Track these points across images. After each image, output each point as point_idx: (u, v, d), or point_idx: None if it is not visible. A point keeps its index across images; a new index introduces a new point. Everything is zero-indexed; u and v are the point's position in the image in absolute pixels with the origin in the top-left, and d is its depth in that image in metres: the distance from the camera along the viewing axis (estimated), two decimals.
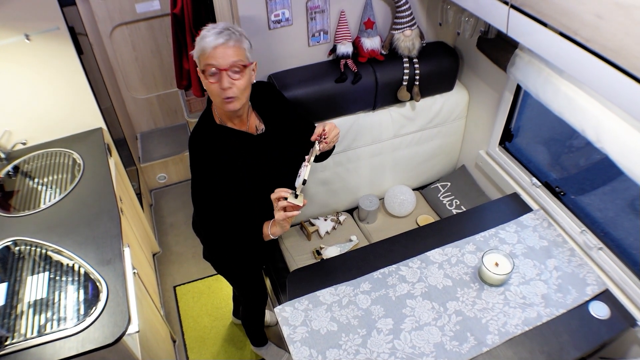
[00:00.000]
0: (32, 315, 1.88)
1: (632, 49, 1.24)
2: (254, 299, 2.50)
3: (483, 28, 2.31)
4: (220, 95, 1.65)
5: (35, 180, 2.50)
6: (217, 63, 1.60)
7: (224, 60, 1.60)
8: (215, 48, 1.59)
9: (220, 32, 1.61)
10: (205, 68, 1.63)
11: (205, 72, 1.63)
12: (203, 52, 1.61)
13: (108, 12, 3.42)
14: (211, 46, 1.59)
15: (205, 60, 1.62)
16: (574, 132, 2.09)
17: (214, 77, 1.63)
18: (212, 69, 1.61)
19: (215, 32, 1.61)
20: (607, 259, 2.12)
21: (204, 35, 1.62)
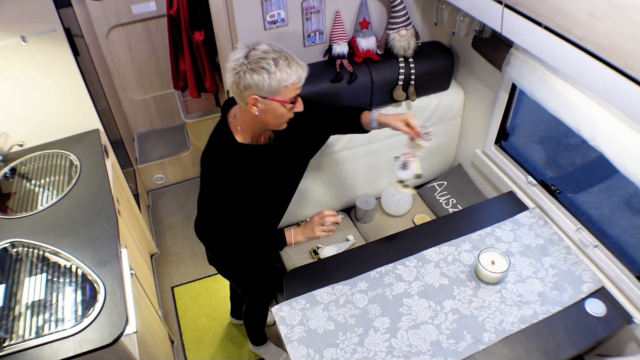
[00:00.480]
0: (30, 317, 1.88)
1: (626, 48, 1.25)
2: (260, 301, 2.50)
3: (478, 27, 2.32)
4: (288, 117, 1.72)
5: (33, 182, 2.50)
6: (299, 87, 1.68)
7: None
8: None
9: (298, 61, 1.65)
10: (294, 97, 1.67)
11: (291, 100, 1.67)
12: (298, 81, 1.65)
13: (104, 13, 3.42)
14: (304, 75, 1.66)
15: (296, 91, 1.67)
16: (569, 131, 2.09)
17: (299, 104, 1.70)
18: (297, 95, 1.68)
19: (295, 60, 1.64)
20: (602, 257, 2.13)
21: (281, 66, 1.60)
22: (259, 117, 1.69)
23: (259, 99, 1.63)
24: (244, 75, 1.59)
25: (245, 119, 1.75)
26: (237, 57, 1.62)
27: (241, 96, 1.66)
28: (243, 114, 1.75)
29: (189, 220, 3.85)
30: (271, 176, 1.89)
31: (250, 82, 1.59)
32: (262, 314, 2.63)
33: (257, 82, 1.59)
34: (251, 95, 1.62)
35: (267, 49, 1.61)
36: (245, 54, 1.61)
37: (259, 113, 1.67)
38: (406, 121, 1.92)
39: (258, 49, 1.61)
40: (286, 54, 1.63)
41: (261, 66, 1.58)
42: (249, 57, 1.60)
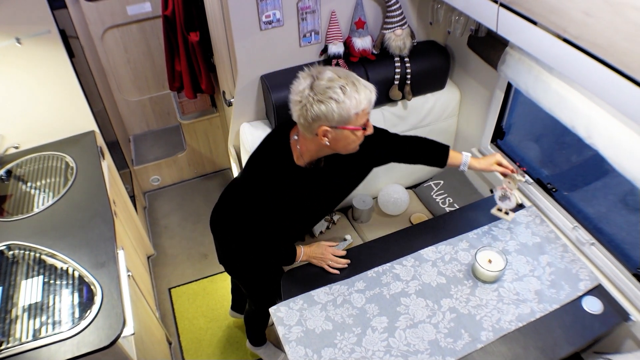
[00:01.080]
0: (27, 320, 1.87)
1: (621, 46, 1.26)
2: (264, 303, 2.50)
3: (473, 26, 2.32)
4: (359, 142, 1.71)
5: (28, 184, 2.50)
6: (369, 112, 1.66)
7: None
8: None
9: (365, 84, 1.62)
10: (365, 121, 1.65)
11: (363, 126, 1.65)
12: (365, 107, 1.62)
13: (99, 14, 3.41)
14: (374, 98, 1.63)
15: (367, 116, 1.65)
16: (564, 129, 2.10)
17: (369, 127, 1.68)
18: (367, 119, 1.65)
19: (362, 83, 1.61)
20: (599, 254, 2.14)
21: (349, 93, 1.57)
22: (329, 147, 1.68)
23: (329, 130, 1.60)
24: (311, 108, 1.57)
25: (311, 146, 1.73)
26: (302, 89, 1.59)
27: (309, 128, 1.63)
28: (308, 141, 1.72)
29: (185, 221, 3.85)
30: (316, 195, 1.92)
31: (318, 113, 1.57)
32: (264, 315, 2.63)
33: (326, 113, 1.56)
34: (321, 126, 1.60)
35: (332, 77, 1.57)
36: (310, 85, 1.57)
37: (330, 142, 1.65)
38: (498, 162, 2.08)
39: (322, 77, 1.57)
40: (352, 79, 1.59)
41: (329, 96, 1.55)
42: (315, 88, 1.56)
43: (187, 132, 3.89)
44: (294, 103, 1.61)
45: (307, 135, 1.68)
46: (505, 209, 2.21)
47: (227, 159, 3.69)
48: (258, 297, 2.45)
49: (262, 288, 2.37)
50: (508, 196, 2.17)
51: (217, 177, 4.26)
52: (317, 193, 1.94)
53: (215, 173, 4.29)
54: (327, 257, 2.15)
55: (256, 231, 1.92)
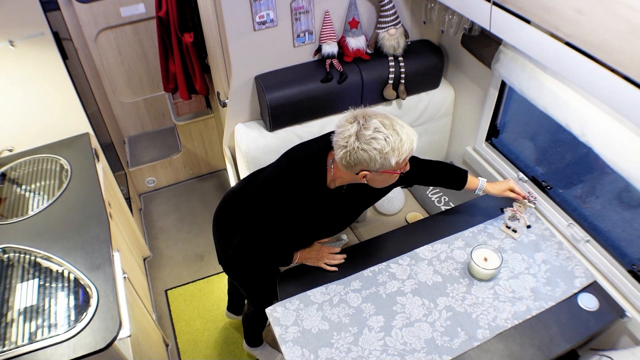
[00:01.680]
0: (23, 323, 1.87)
1: (613, 44, 1.26)
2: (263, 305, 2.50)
3: (467, 25, 2.32)
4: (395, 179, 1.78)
5: (23, 187, 2.49)
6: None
7: None
8: None
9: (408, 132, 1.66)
10: (404, 166, 1.72)
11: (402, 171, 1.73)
12: (408, 155, 1.67)
13: (92, 16, 3.40)
14: (415, 145, 1.67)
15: (406, 161, 1.71)
16: (559, 127, 2.11)
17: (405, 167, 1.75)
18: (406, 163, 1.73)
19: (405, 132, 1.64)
20: (594, 251, 2.15)
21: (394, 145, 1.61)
22: (368, 180, 1.73)
23: (368, 173, 1.67)
24: (355, 154, 1.61)
25: (346, 177, 1.77)
26: (348, 135, 1.62)
27: (351, 169, 1.68)
28: (343, 173, 1.75)
29: (181, 222, 3.84)
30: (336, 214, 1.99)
31: (361, 160, 1.62)
32: (263, 316, 2.63)
33: (369, 161, 1.62)
34: (362, 170, 1.66)
35: (378, 126, 1.60)
36: (356, 133, 1.60)
37: (368, 181, 1.73)
38: (511, 188, 2.24)
39: (369, 127, 1.60)
40: (396, 128, 1.63)
41: (373, 147, 1.59)
42: (360, 137, 1.60)
43: (182, 133, 3.89)
44: (339, 146, 1.64)
45: (344, 169, 1.72)
46: (513, 227, 2.30)
47: (223, 159, 3.69)
48: (257, 298, 2.45)
49: (262, 289, 2.37)
50: (517, 218, 2.28)
51: (212, 178, 4.26)
52: (338, 212, 1.99)
53: (211, 174, 4.29)
54: (322, 255, 2.17)
55: (268, 242, 1.95)
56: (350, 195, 1.93)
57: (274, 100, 2.34)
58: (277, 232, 1.91)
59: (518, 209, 2.28)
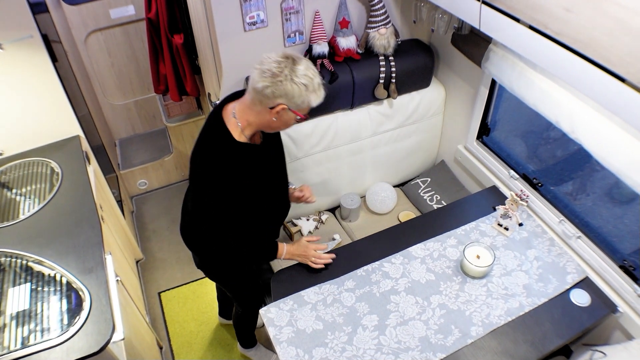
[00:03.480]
0: (15, 327, 1.86)
1: (601, 41, 1.27)
2: (249, 304, 2.50)
3: (457, 24, 2.33)
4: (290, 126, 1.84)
5: (14, 191, 2.47)
6: None
7: None
8: None
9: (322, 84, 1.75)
10: (307, 113, 1.78)
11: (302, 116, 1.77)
12: (318, 104, 1.76)
13: (82, 18, 3.38)
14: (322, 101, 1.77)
15: (310, 109, 1.78)
16: (549, 124, 2.12)
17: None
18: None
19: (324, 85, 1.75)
20: (586, 247, 2.16)
21: (316, 87, 1.71)
22: (271, 122, 1.76)
23: (284, 109, 1.70)
24: (284, 84, 1.65)
25: (253, 119, 1.79)
26: (282, 66, 1.65)
27: (269, 101, 1.69)
28: (253, 114, 1.77)
29: (174, 224, 3.83)
30: (264, 174, 1.95)
31: (288, 91, 1.66)
32: (252, 316, 2.63)
33: (294, 95, 1.67)
34: (281, 104, 1.68)
35: (309, 65, 1.70)
36: (290, 66, 1.65)
37: (277, 120, 1.74)
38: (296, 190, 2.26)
39: (301, 63, 1.68)
40: (319, 77, 1.73)
41: (302, 82, 1.66)
42: (294, 71, 1.65)
43: (173, 134, 3.87)
44: (266, 76, 1.66)
45: (257, 106, 1.73)
46: (505, 225, 2.31)
47: None
48: (243, 299, 2.45)
49: (246, 289, 2.38)
50: (509, 215, 2.31)
51: None
52: (262, 168, 1.95)
53: None
54: (309, 253, 2.16)
55: (227, 221, 1.91)
56: (265, 146, 1.96)
57: None
58: (226, 210, 1.88)
59: (510, 206, 2.30)
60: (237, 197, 1.86)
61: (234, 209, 1.88)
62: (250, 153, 1.85)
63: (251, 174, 1.87)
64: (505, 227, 2.31)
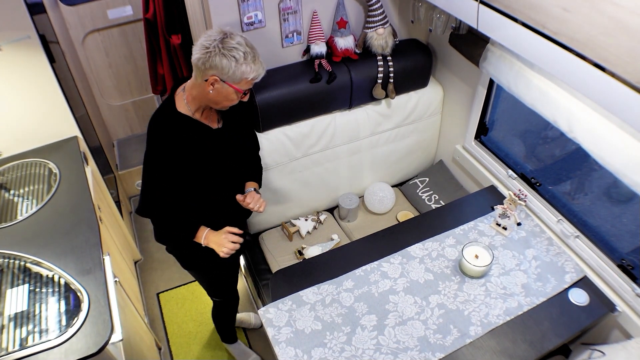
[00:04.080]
0: (14, 329, 1.85)
1: (599, 40, 1.27)
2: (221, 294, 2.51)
3: (454, 24, 2.34)
4: (234, 102, 1.85)
5: (11, 192, 2.46)
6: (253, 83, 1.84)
7: None
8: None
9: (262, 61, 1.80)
10: (246, 89, 1.82)
11: (244, 91, 1.82)
12: (255, 78, 1.80)
13: (79, 18, 3.38)
14: (262, 75, 1.81)
15: (250, 84, 1.81)
16: (547, 124, 2.12)
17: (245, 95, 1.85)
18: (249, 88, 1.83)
19: (260, 60, 1.79)
20: (584, 247, 2.17)
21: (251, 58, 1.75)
22: (209, 95, 1.80)
23: (218, 81, 1.75)
24: (214, 57, 1.70)
25: (195, 93, 1.85)
26: (213, 38, 1.71)
27: (203, 73, 1.76)
28: (195, 87, 1.84)
29: None
30: (206, 153, 1.95)
31: (217, 64, 1.71)
32: (225, 310, 2.65)
33: (224, 67, 1.71)
34: (213, 75, 1.74)
35: (241, 41, 1.74)
36: (221, 39, 1.71)
37: (213, 92, 1.79)
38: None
39: (234, 38, 1.73)
40: (254, 52, 1.77)
41: (232, 55, 1.70)
42: (224, 43, 1.71)
43: None
44: (200, 47, 1.73)
45: (197, 79, 1.81)
46: (504, 224, 2.32)
47: None
48: (213, 290, 2.46)
49: (215, 280, 2.39)
50: (508, 215, 2.30)
51: None
52: (207, 149, 1.96)
53: None
54: (222, 242, 2.02)
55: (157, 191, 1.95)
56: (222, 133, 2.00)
57: (263, 101, 2.34)
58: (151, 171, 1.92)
59: (508, 206, 2.30)
60: (172, 168, 1.89)
61: (167, 179, 1.91)
62: (190, 127, 1.90)
63: (189, 148, 1.90)
64: (503, 226, 2.32)
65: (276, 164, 2.57)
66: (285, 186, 2.69)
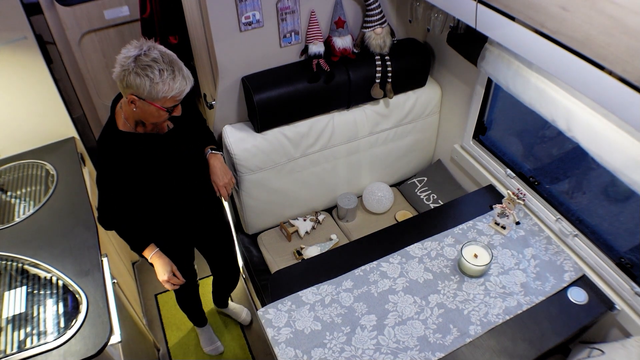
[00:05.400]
0: (12, 331, 1.85)
1: (597, 39, 1.27)
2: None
3: (452, 23, 2.34)
4: (164, 120, 1.82)
5: (8, 194, 2.46)
6: (180, 100, 1.76)
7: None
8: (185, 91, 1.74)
9: (185, 75, 1.73)
10: (171, 105, 1.75)
11: (168, 109, 1.75)
12: (179, 94, 1.73)
13: (76, 19, 3.37)
14: (187, 90, 1.74)
15: (175, 102, 1.75)
16: (545, 123, 2.12)
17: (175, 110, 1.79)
18: (176, 104, 1.77)
19: (183, 74, 1.72)
20: (582, 245, 2.17)
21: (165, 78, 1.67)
22: (134, 113, 1.78)
23: (136, 100, 1.71)
24: (129, 76, 1.66)
25: (127, 110, 1.82)
26: (128, 56, 1.67)
27: (123, 91, 1.75)
28: (125, 105, 1.82)
29: None
30: (155, 160, 1.94)
31: (132, 83, 1.67)
32: (182, 294, 2.67)
33: (139, 86, 1.67)
34: (131, 94, 1.70)
35: (157, 58, 1.67)
36: (135, 56, 1.66)
37: (137, 110, 1.75)
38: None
39: (149, 55, 1.67)
40: (174, 67, 1.70)
41: (146, 73, 1.65)
42: (137, 61, 1.65)
43: None
44: (118, 64, 1.70)
45: (124, 99, 1.79)
46: (502, 224, 2.32)
47: None
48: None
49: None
50: (507, 214, 2.31)
51: None
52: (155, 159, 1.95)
53: None
54: (167, 276, 2.12)
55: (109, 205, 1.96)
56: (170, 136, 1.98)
57: (261, 101, 2.34)
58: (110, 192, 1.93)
59: (507, 205, 2.30)
60: (122, 185, 1.89)
61: (120, 195, 1.92)
62: (134, 142, 1.89)
63: (138, 164, 1.89)
64: (502, 225, 2.32)
65: (274, 164, 2.56)
66: (284, 186, 2.68)
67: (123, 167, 1.87)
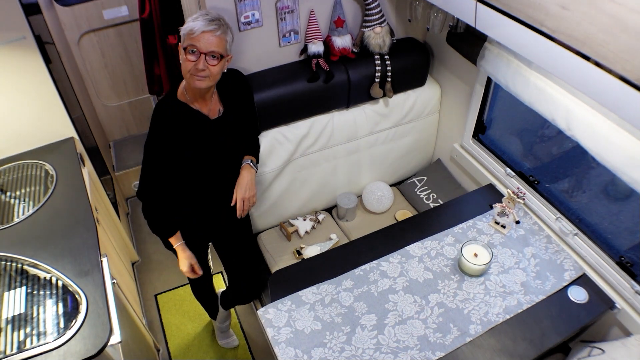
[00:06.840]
0: (11, 332, 1.84)
1: (597, 38, 1.27)
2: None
3: (452, 23, 2.34)
4: (192, 71, 1.79)
5: (7, 194, 2.45)
6: (200, 46, 1.74)
7: (207, 46, 1.74)
8: (203, 33, 1.73)
9: (212, 20, 1.75)
10: (187, 46, 1.76)
11: (186, 50, 1.76)
12: (191, 32, 1.74)
13: (75, 19, 3.37)
14: (200, 30, 1.72)
15: (191, 41, 1.74)
16: (545, 122, 2.12)
17: (194, 56, 1.76)
18: (193, 49, 1.75)
19: (207, 18, 1.74)
20: (582, 244, 2.17)
21: (196, 17, 1.75)
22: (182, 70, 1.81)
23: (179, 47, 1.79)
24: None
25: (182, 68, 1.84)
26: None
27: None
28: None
29: None
30: (201, 141, 1.96)
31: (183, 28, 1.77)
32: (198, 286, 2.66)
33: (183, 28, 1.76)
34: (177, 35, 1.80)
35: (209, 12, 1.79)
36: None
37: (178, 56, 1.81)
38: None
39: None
40: (209, 15, 1.76)
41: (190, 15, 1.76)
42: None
43: None
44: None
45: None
46: (502, 223, 2.33)
47: None
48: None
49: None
50: (506, 213, 2.32)
51: None
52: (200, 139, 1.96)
53: None
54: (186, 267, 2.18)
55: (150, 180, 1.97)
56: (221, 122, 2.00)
57: (260, 101, 2.33)
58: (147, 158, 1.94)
59: (507, 204, 2.30)
60: (167, 152, 1.90)
61: (163, 163, 1.92)
62: (187, 114, 1.91)
63: (184, 135, 1.91)
64: (502, 225, 2.32)
65: (274, 164, 2.56)
66: (284, 186, 2.68)
67: (170, 134, 1.89)
